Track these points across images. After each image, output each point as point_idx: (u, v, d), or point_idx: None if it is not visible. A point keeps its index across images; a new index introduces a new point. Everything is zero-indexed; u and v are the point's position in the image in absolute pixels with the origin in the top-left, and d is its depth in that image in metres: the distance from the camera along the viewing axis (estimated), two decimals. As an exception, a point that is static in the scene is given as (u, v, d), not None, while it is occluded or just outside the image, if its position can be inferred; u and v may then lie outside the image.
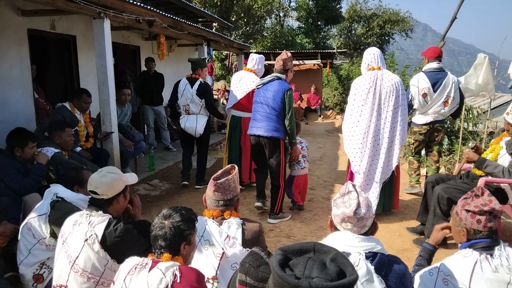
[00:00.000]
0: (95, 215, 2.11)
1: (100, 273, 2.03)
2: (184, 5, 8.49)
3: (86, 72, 5.92)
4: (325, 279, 1.00)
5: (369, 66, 3.94)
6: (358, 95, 3.88)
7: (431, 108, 4.58)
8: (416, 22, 25.23)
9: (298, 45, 20.72)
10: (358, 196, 1.72)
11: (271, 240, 3.62)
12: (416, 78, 4.62)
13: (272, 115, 3.98)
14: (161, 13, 5.30)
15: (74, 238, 2.06)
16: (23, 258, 2.53)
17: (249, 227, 2.12)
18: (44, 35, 5.28)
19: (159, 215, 1.78)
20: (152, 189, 5.16)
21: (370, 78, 3.84)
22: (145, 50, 7.86)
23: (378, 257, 1.66)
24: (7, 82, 4.57)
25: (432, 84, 4.48)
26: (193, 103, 5.05)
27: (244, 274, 1.31)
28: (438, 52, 4.65)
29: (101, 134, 4.64)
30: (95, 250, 2.03)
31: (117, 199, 2.22)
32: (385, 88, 3.80)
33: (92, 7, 4.05)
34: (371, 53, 3.97)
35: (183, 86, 5.08)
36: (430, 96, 4.50)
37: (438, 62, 4.60)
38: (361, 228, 1.71)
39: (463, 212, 1.89)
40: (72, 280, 2.03)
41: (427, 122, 4.62)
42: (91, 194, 2.20)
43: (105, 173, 2.18)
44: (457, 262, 1.85)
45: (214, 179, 2.14)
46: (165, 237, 1.71)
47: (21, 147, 3.23)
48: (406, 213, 4.33)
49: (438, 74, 4.53)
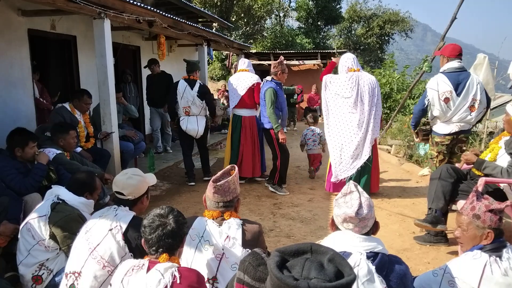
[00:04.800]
0: (122, 210, 2.24)
1: (115, 264, 2.07)
2: (184, 5, 8.49)
3: (86, 72, 5.92)
4: (323, 279, 1.01)
5: (349, 68, 4.60)
6: (341, 91, 4.54)
7: (455, 115, 3.90)
8: (415, 22, 25.28)
9: (298, 45, 20.73)
10: (360, 196, 1.72)
11: (271, 240, 3.63)
12: (434, 81, 3.94)
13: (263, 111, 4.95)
14: (161, 13, 5.30)
15: (98, 227, 2.16)
16: (23, 258, 2.54)
17: (249, 228, 2.12)
18: (45, 35, 5.28)
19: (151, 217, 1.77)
20: (153, 189, 5.16)
21: (353, 78, 4.51)
22: (145, 50, 7.86)
23: (379, 257, 1.65)
24: (7, 82, 4.57)
25: (455, 86, 3.85)
26: (194, 105, 5.17)
27: (242, 272, 1.31)
28: (458, 50, 3.97)
29: (101, 134, 4.64)
30: (117, 240, 2.11)
31: (141, 199, 2.36)
32: (364, 86, 4.50)
33: (92, 7, 4.05)
34: (350, 58, 4.66)
35: (183, 88, 5.15)
36: (453, 101, 3.86)
37: (459, 60, 3.94)
38: (362, 228, 1.71)
39: (487, 214, 1.87)
40: (88, 266, 2.07)
41: (451, 132, 3.94)
42: (116, 194, 2.29)
43: (131, 175, 2.29)
44: (465, 264, 1.83)
45: (214, 181, 2.14)
46: (172, 232, 1.73)
47: (21, 147, 3.23)
48: (406, 213, 4.33)
49: (461, 75, 3.88)
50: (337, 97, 4.58)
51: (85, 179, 2.73)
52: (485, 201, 1.91)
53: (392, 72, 11.32)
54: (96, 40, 4.44)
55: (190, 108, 5.17)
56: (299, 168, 6.45)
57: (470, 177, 3.40)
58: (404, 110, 9.24)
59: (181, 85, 5.18)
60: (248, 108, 5.36)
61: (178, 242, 1.77)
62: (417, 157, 6.76)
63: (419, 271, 2.97)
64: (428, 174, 5.48)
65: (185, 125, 5.21)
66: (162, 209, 1.80)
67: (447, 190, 3.32)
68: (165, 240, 1.71)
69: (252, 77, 5.34)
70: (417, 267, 3.07)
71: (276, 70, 5.02)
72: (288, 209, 4.49)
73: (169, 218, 1.76)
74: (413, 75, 10.87)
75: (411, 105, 9.26)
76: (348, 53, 4.84)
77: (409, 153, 7.11)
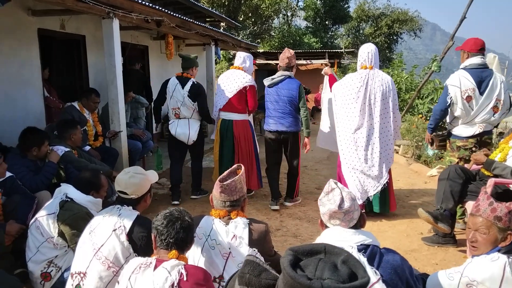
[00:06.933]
0: (125, 209, 2.23)
1: (120, 265, 2.08)
2: (192, 5, 8.51)
3: (94, 72, 5.97)
4: (337, 280, 1.00)
5: (362, 64, 3.97)
6: (347, 93, 3.94)
7: (478, 115, 3.60)
8: (424, 22, 25.02)
9: (306, 44, 20.66)
10: (341, 191, 1.79)
11: (278, 239, 3.62)
12: (456, 77, 3.62)
13: (291, 111, 4.36)
14: (169, 13, 5.32)
15: (102, 227, 2.15)
16: (32, 255, 2.57)
17: (256, 227, 2.12)
18: (54, 35, 5.33)
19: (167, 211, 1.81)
20: (160, 188, 5.18)
21: (362, 77, 3.89)
22: (154, 49, 7.89)
23: (370, 249, 1.69)
24: (17, 81, 4.62)
25: (478, 84, 3.55)
26: (185, 106, 4.45)
27: (245, 286, 1.27)
28: (480, 44, 3.64)
29: (110, 133, 4.68)
30: (121, 240, 2.10)
31: (145, 198, 2.34)
32: (375, 88, 3.85)
33: (101, 7, 4.08)
34: (366, 51, 3.96)
35: (173, 86, 4.46)
36: (476, 100, 3.57)
37: (481, 56, 3.63)
38: (349, 221, 1.77)
39: (508, 215, 1.86)
40: (93, 267, 2.07)
41: (474, 133, 3.64)
42: (119, 194, 2.28)
43: (133, 174, 2.27)
44: (485, 267, 1.81)
45: (221, 181, 2.14)
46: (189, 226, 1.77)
47: (38, 146, 3.28)
48: (413, 214, 4.30)
49: (484, 72, 3.58)
50: (342, 100, 3.99)
51: (89, 177, 2.74)
52: (504, 203, 1.89)
53: (400, 72, 11.24)
54: (105, 40, 4.46)
55: (179, 109, 4.46)
56: (306, 168, 6.43)
57: (479, 178, 3.36)
58: (412, 110, 9.17)
59: (171, 83, 4.50)
60: (237, 113, 4.52)
61: (190, 238, 1.80)
62: (425, 158, 6.72)
63: (426, 272, 2.95)
64: (436, 174, 5.43)
65: (174, 129, 4.49)
66: (174, 210, 1.84)
67: (456, 190, 3.28)
68: (180, 233, 1.75)
69: (244, 78, 4.46)
70: (425, 268, 3.05)
71: (294, 63, 4.44)
72: (295, 209, 4.49)
73: (184, 215, 1.81)
74: (421, 74, 10.78)
75: (419, 105, 9.20)
76: (367, 44, 4.07)
77: (417, 153, 7.06)
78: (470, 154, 3.59)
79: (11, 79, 4.53)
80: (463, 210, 3.76)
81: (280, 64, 4.46)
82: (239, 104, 4.49)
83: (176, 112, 4.50)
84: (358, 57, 4.07)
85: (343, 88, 4.00)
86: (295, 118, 4.39)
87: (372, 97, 3.87)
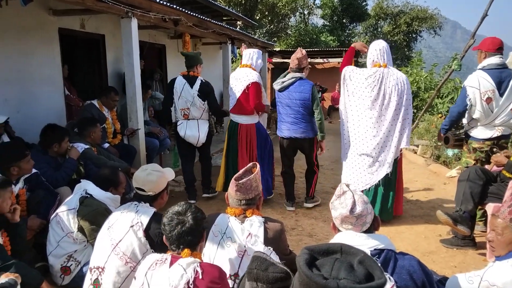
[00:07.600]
0: (143, 206, 2.27)
1: (137, 260, 2.11)
2: (209, 4, 8.56)
3: (113, 70, 6.07)
4: (353, 281, 0.99)
5: (374, 62, 3.79)
6: (358, 90, 3.79)
7: (497, 117, 3.50)
8: (445, 19, 24.51)
9: (323, 43, 20.52)
10: (353, 195, 1.74)
11: (293, 238, 3.62)
12: (475, 78, 3.53)
13: (305, 115, 4.15)
14: (187, 12, 5.36)
15: (120, 223, 2.19)
16: (52, 249, 2.64)
17: (271, 226, 2.12)
18: (75, 34, 5.43)
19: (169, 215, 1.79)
20: (176, 185, 5.24)
21: (376, 76, 3.71)
22: (171, 48, 7.97)
23: (384, 254, 1.64)
24: (39, 79, 4.73)
25: (497, 85, 3.44)
26: (194, 107, 4.31)
27: (254, 281, 1.28)
28: (498, 43, 3.53)
29: (128, 131, 4.75)
30: (138, 236, 2.14)
31: (162, 195, 2.37)
32: (389, 87, 3.69)
33: (120, 6, 4.15)
34: (376, 48, 3.78)
35: (180, 86, 4.29)
36: (496, 102, 3.46)
37: (500, 56, 3.53)
38: (361, 226, 1.71)
39: None
40: (111, 262, 2.12)
41: (492, 136, 3.56)
42: (136, 190, 2.32)
43: (151, 171, 2.31)
44: (505, 271, 1.79)
45: (236, 179, 2.15)
46: (190, 229, 1.74)
47: (59, 142, 3.37)
48: (432, 215, 4.22)
49: (503, 72, 3.48)
50: (353, 98, 3.86)
51: (108, 174, 2.80)
52: None
53: (419, 71, 11.04)
54: (124, 39, 4.53)
55: (189, 110, 4.31)
56: (322, 167, 6.38)
57: (500, 180, 3.28)
58: (431, 110, 9.00)
59: (178, 82, 4.31)
60: (246, 115, 4.38)
61: (197, 238, 1.79)
62: (444, 158, 6.58)
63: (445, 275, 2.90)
64: (456, 175, 5.32)
65: (184, 131, 4.35)
66: (180, 206, 1.82)
67: (476, 192, 3.21)
68: (185, 237, 1.74)
69: (248, 76, 4.30)
70: (442, 271, 2.99)
71: (305, 64, 4.21)
72: (310, 208, 4.46)
73: (187, 216, 1.77)
74: (441, 73, 10.57)
75: (438, 105, 9.02)
76: (377, 41, 3.91)
77: (436, 153, 6.92)
78: (486, 157, 3.56)
79: (33, 78, 4.64)
80: (482, 212, 3.67)
81: (290, 65, 4.23)
82: (246, 102, 4.34)
83: (185, 112, 4.35)
84: (368, 55, 3.87)
85: (356, 74, 3.82)
86: (309, 123, 4.17)
87: (387, 97, 3.70)
